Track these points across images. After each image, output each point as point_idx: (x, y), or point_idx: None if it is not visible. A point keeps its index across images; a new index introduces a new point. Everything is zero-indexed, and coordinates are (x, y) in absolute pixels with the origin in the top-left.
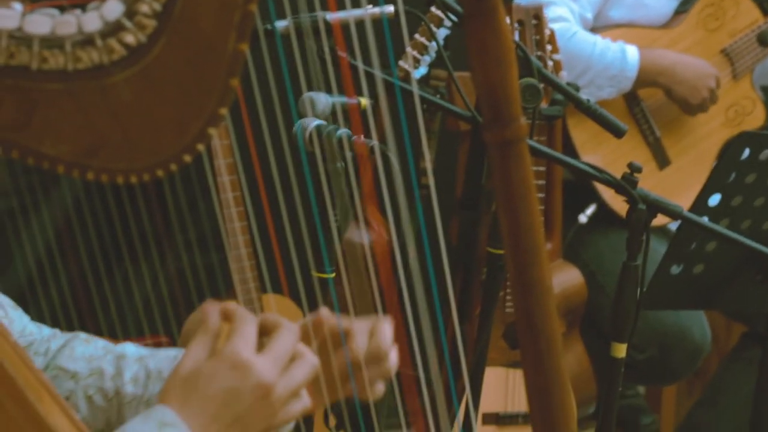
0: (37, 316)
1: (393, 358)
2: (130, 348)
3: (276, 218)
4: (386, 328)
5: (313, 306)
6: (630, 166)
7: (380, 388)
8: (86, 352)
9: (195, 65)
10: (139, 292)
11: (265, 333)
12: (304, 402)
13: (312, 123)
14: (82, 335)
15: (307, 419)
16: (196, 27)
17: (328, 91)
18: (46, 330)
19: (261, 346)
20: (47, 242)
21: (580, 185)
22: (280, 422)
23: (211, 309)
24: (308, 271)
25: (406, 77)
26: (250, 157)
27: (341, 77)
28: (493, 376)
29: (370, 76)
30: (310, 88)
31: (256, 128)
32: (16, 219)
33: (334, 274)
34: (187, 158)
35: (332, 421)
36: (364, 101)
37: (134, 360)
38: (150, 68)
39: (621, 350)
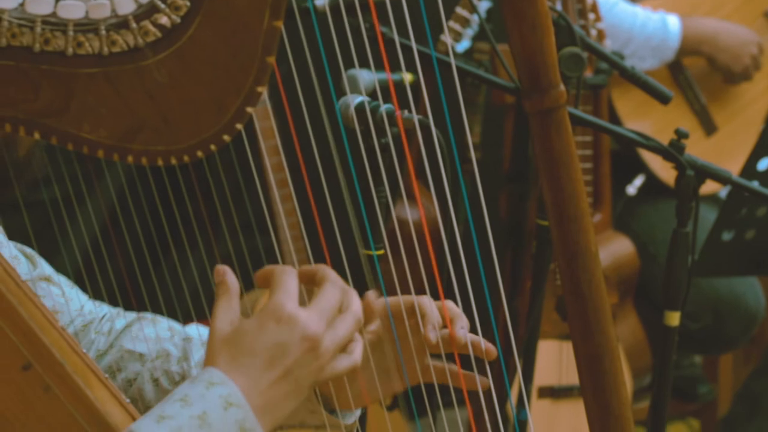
0: None
1: (461, 332)
2: (194, 330)
3: (321, 198)
4: (450, 305)
5: (361, 285)
6: (677, 132)
7: (453, 369)
8: (152, 333)
9: (230, 44)
10: (186, 279)
11: (312, 282)
12: (354, 358)
13: (355, 100)
14: (148, 315)
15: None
16: (230, 5)
17: (370, 68)
18: (104, 308)
19: (310, 293)
20: (92, 232)
21: (628, 156)
22: (329, 375)
23: (224, 270)
24: (355, 250)
25: (449, 52)
26: (292, 138)
27: (382, 54)
28: (546, 350)
29: (411, 52)
30: (350, 66)
31: (296, 108)
32: (61, 208)
33: (382, 251)
34: (227, 138)
35: (386, 401)
36: (409, 77)
37: (201, 344)
38: (185, 49)
39: (674, 318)
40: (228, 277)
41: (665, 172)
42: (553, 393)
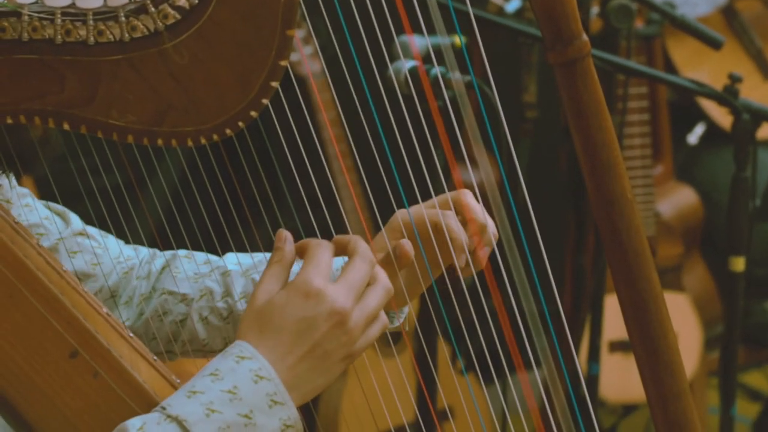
0: None
1: (491, 225)
2: (231, 259)
3: (383, 166)
4: (469, 198)
5: None
6: (730, 76)
7: (485, 255)
8: (190, 270)
9: (250, 20)
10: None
11: (344, 252)
12: (382, 322)
13: (406, 65)
14: (183, 252)
15: (427, 362)
16: None
17: (420, 32)
18: (143, 250)
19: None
20: (158, 215)
21: (687, 105)
22: (360, 348)
23: (285, 237)
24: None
25: (499, 12)
26: (349, 109)
27: (432, 17)
28: (615, 304)
29: (460, 15)
30: (400, 32)
31: (353, 78)
32: (123, 194)
33: None
34: (254, 114)
35: (459, 365)
36: (459, 40)
37: (239, 275)
38: (205, 28)
39: (739, 264)
40: (287, 245)
41: (725, 118)
42: (624, 346)
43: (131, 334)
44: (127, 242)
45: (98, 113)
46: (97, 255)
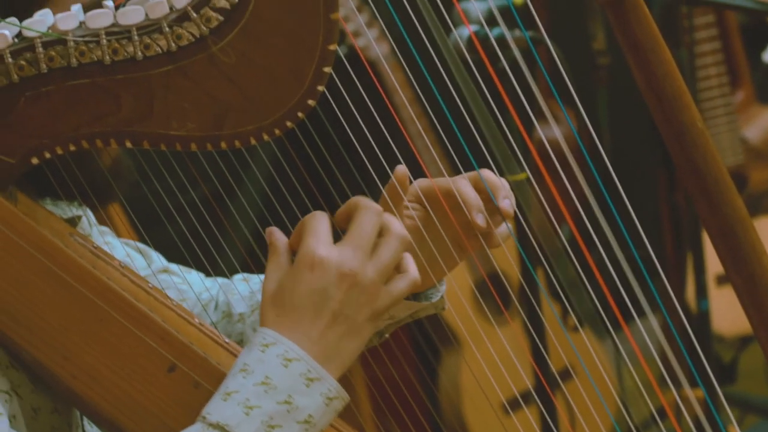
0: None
1: (506, 203)
2: None
3: (464, 133)
4: (489, 174)
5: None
6: None
7: (504, 231)
8: (245, 291)
9: (292, 10)
10: None
11: (346, 223)
12: (410, 276)
13: (465, 31)
14: (240, 275)
15: (536, 320)
16: None
17: None
18: (219, 281)
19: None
20: (251, 222)
21: (758, 27)
22: (385, 304)
23: (272, 231)
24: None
25: None
26: (421, 86)
27: None
28: None
29: None
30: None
31: (419, 51)
32: (212, 206)
33: (525, 175)
34: (311, 103)
35: (571, 322)
36: None
37: None
38: (250, 25)
39: None
40: (276, 235)
41: None
42: None
43: (227, 340)
44: (218, 259)
45: (158, 126)
46: (181, 291)
